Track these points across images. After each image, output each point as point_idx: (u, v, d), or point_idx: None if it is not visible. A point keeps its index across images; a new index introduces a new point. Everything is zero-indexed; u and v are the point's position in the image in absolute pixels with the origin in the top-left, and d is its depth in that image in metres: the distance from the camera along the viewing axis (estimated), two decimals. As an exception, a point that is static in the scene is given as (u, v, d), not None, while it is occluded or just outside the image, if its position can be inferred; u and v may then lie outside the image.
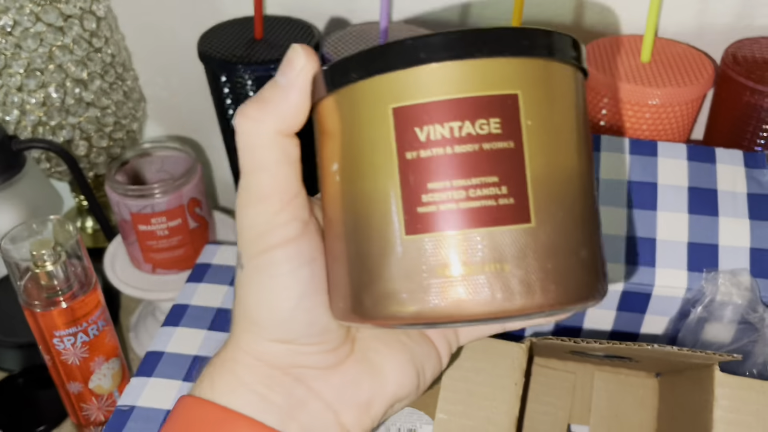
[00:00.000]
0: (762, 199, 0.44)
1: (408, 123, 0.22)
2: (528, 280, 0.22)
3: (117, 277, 0.53)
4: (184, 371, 0.39)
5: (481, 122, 0.22)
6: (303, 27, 0.56)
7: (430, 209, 0.22)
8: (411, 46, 0.22)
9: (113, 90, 0.57)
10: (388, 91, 0.22)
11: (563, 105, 0.23)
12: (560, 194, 0.22)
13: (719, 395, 0.34)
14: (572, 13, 0.54)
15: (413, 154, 0.22)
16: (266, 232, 0.24)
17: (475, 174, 0.21)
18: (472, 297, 0.21)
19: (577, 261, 0.23)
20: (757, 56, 0.49)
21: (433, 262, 0.22)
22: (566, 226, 0.22)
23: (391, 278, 0.22)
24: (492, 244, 0.22)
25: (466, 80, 0.22)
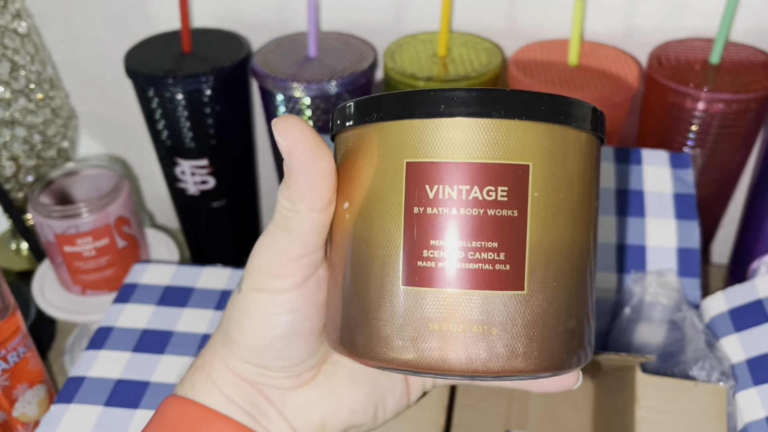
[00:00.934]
0: (687, 198, 0.45)
1: (420, 178, 0.23)
2: (513, 345, 0.22)
3: (45, 300, 0.52)
4: (106, 396, 0.38)
5: (489, 189, 0.22)
6: (232, 39, 0.55)
7: (429, 264, 0.23)
8: (433, 96, 0.22)
9: (40, 108, 0.55)
10: (404, 141, 0.23)
11: (574, 176, 0.23)
12: (556, 265, 0.23)
13: (641, 396, 0.34)
14: (503, 17, 0.54)
15: (420, 209, 0.23)
16: (267, 275, 0.26)
17: (477, 238, 0.22)
18: (457, 354, 0.22)
19: (564, 331, 0.23)
20: (681, 58, 0.50)
21: (424, 315, 0.23)
22: (558, 297, 0.23)
23: (383, 323, 0.23)
24: (483, 306, 0.22)
25: (480, 145, 0.22)
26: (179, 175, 0.56)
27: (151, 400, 0.38)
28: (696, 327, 0.38)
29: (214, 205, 0.58)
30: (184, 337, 0.41)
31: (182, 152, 0.54)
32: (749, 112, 0.48)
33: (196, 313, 0.43)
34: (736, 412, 0.35)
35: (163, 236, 0.58)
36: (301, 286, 0.26)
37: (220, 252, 0.62)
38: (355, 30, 0.56)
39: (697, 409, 0.33)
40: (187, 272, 0.46)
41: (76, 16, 0.58)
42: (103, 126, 0.65)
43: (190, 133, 0.53)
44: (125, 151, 0.67)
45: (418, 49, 0.53)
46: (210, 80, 0.51)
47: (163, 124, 0.53)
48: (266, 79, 0.50)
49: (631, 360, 0.33)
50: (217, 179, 0.56)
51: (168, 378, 0.39)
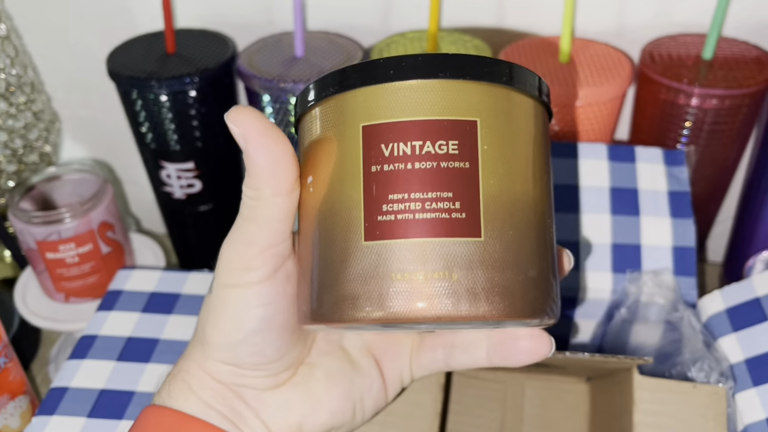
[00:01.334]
0: (682, 196, 0.44)
1: (375, 139, 0.24)
2: (474, 289, 0.23)
3: (28, 309, 0.50)
4: (90, 407, 0.37)
5: (441, 143, 0.24)
6: (217, 39, 0.54)
7: (389, 218, 0.24)
8: (382, 64, 0.24)
9: (21, 112, 0.54)
10: (359, 108, 0.24)
11: (520, 135, 0.25)
12: (511, 215, 0.24)
13: (639, 398, 0.33)
14: (492, 14, 0.53)
15: (377, 167, 0.24)
16: (237, 270, 0.26)
17: (432, 189, 0.23)
18: (422, 301, 0.23)
19: (525, 279, 0.24)
20: (673, 54, 0.49)
21: (388, 267, 0.24)
22: (515, 245, 0.24)
23: (349, 282, 0.24)
24: (443, 253, 0.23)
25: (430, 103, 0.24)
26: (165, 179, 0.55)
27: (136, 410, 0.37)
28: (693, 327, 0.37)
29: (201, 209, 0.57)
30: (171, 345, 0.40)
31: (168, 155, 0.53)
32: (743, 107, 0.47)
33: (183, 320, 0.42)
34: (735, 414, 0.35)
35: (149, 241, 0.57)
36: (271, 278, 0.27)
37: (208, 256, 0.61)
38: (342, 29, 0.55)
39: (696, 411, 0.33)
40: (172, 278, 0.45)
41: (57, 17, 0.57)
42: (86, 129, 0.64)
43: (176, 136, 0.52)
44: (110, 154, 0.66)
45: (406, 48, 0.52)
46: (195, 81, 0.49)
47: (147, 126, 0.52)
48: (252, 79, 0.49)
49: (628, 362, 0.33)
50: (203, 182, 0.55)
51: (153, 387, 0.38)
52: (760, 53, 0.49)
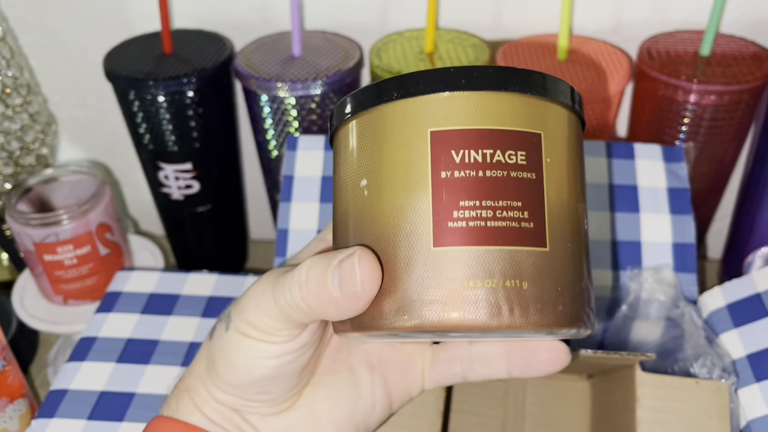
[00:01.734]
0: (681, 193, 0.44)
1: (444, 145, 0.24)
2: (542, 298, 0.24)
3: (26, 311, 0.50)
4: (89, 409, 0.37)
5: (510, 153, 0.24)
6: (214, 39, 0.54)
7: (460, 225, 0.24)
8: (453, 73, 0.24)
9: (17, 114, 0.54)
10: (427, 114, 0.24)
11: (573, 150, 0.26)
12: (569, 227, 0.25)
13: (641, 395, 0.33)
14: (490, 13, 0.53)
15: (447, 173, 0.24)
16: (257, 329, 0.26)
17: (503, 197, 0.24)
18: (492, 309, 0.23)
19: (579, 289, 0.25)
20: (671, 50, 0.49)
21: (458, 274, 0.23)
22: (573, 256, 0.25)
23: (415, 287, 0.24)
24: (514, 261, 0.24)
25: (499, 113, 0.24)
26: (163, 180, 0.54)
27: (136, 412, 0.36)
28: (695, 323, 0.37)
29: (199, 210, 0.56)
30: (170, 346, 0.40)
31: (165, 156, 0.53)
32: (741, 103, 0.47)
33: (182, 320, 0.42)
34: (738, 409, 0.35)
35: (147, 242, 0.57)
36: (291, 341, 0.27)
37: (206, 257, 0.60)
38: (339, 28, 0.55)
39: (699, 408, 0.32)
40: (171, 279, 0.45)
41: (53, 19, 0.57)
42: (83, 131, 0.64)
43: (173, 137, 0.52)
44: (107, 156, 0.66)
45: (404, 47, 0.52)
46: (192, 82, 0.49)
47: (145, 127, 0.52)
48: (250, 79, 0.49)
49: (630, 359, 0.33)
50: (201, 183, 0.55)
51: (153, 389, 0.38)
52: (757, 49, 0.49)
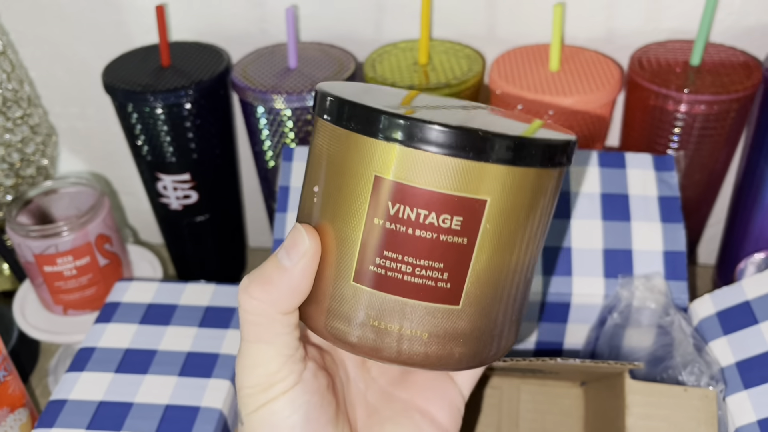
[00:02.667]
0: (672, 201, 0.45)
1: (384, 194, 0.24)
2: (438, 349, 0.25)
3: (26, 322, 0.51)
4: (88, 419, 0.37)
5: (445, 217, 0.24)
6: (211, 52, 0.54)
7: (379, 271, 0.24)
8: (408, 126, 0.23)
9: (17, 126, 0.55)
10: (375, 157, 0.24)
11: (530, 209, 0.25)
12: (493, 285, 0.25)
13: (631, 402, 0.33)
14: (483, 24, 0.54)
15: (380, 221, 0.24)
16: (264, 390, 0.26)
17: (426, 257, 0.24)
18: (390, 348, 0.25)
19: (489, 337, 0.26)
20: (662, 60, 0.50)
21: (367, 312, 0.25)
22: (488, 311, 0.26)
23: (333, 306, 0.25)
24: (420, 314, 0.25)
25: (445, 178, 0.23)
26: (161, 191, 0.55)
27: (134, 422, 0.37)
28: (684, 331, 0.37)
29: (198, 220, 0.57)
30: (168, 356, 0.41)
31: (164, 167, 0.54)
32: (731, 112, 0.48)
33: (180, 330, 0.42)
34: (727, 417, 0.35)
35: (146, 253, 0.57)
36: (299, 382, 0.27)
37: (205, 266, 0.61)
38: (334, 40, 0.56)
39: (687, 415, 0.33)
40: (169, 289, 0.45)
41: (53, 32, 0.58)
42: (83, 143, 0.65)
43: (171, 148, 0.52)
44: (107, 167, 0.67)
45: (398, 58, 0.52)
46: (189, 94, 0.50)
47: (143, 139, 0.52)
48: (246, 91, 0.50)
49: (619, 367, 0.33)
50: (199, 193, 0.55)
51: (151, 399, 0.38)
52: (747, 58, 0.50)
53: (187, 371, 0.40)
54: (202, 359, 0.40)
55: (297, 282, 0.25)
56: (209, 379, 0.39)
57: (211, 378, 0.39)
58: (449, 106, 0.28)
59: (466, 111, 0.28)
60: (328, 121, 0.25)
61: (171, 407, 0.38)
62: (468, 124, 0.23)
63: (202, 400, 0.38)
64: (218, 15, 0.56)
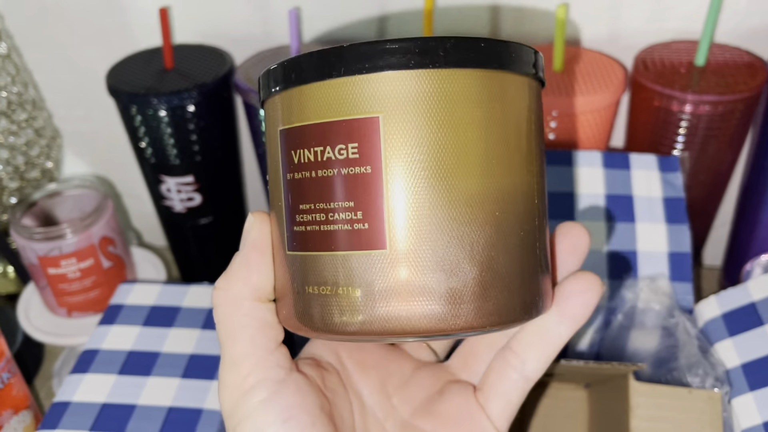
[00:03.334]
0: (677, 202, 0.44)
1: (288, 145, 0.23)
2: (375, 307, 0.22)
3: (31, 324, 0.51)
4: (92, 421, 0.37)
5: (340, 147, 0.22)
6: (215, 54, 0.55)
7: (301, 229, 0.23)
8: (285, 67, 0.23)
9: (22, 129, 0.55)
10: (277, 112, 0.23)
11: (457, 119, 0.21)
12: (432, 219, 0.21)
13: (635, 404, 0.33)
14: (486, 24, 0.54)
15: (291, 175, 0.23)
16: (238, 400, 0.25)
17: (334, 199, 0.22)
18: (328, 315, 0.22)
19: (447, 291, 0.21)
20: (666, 61, 0.50)
21: (303, 279, 0.23)
22: (435, 253, 0.21)
23: (279, 285, 0.25)
24: (344, 267, 0.22)
25: (329, 103, 0.22)
26: (165, 193, 0.55)
27: (137, 424, 0.37)
28: (689, 332, 0.37)
29: (202, 222, 0.57)
30: (171, 358, 0.41)
31: (167, 169, 0.54)
32: (736, 113, 0.47)
33: (183, 332, 0.42)
34: (732, 419, 0.35)
35: (150, 255, 0.57)
36: (279, 392, 0.25)
37: (209, 268, 0.61)
38: (338, 42, 0.56)
39: (691, 416, 0.33)
40: (173, 291, 0.45)
41: (57, 35, 0.58)
42: (87, 145, 0.65)
43: (175, 150, 0.52)
44: (110, 169, 0.67)
45: (402, 59, 0.52)
46: (193, 96, 0.50)
47: (147, 141, 0.52)
48: (249, 93, 0.50)
49: (623, 369, 0.33)
50: (203, 196, 0.55)
51: (154, 401, 0.38)
52: (752, 59, 0.49)
53: (190, 373, 0.40)
54: (205, 361, 0.40)
55: (248, 258, 0.25)
56: (212, 381, 0.39)
57: (214, 380, 0.39)
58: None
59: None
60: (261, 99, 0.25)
61: (174, 409, 0.38)
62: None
63: (205, 403, 0.38)
64: (221, 17, 0.56)
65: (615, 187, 0.45)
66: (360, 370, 0.29)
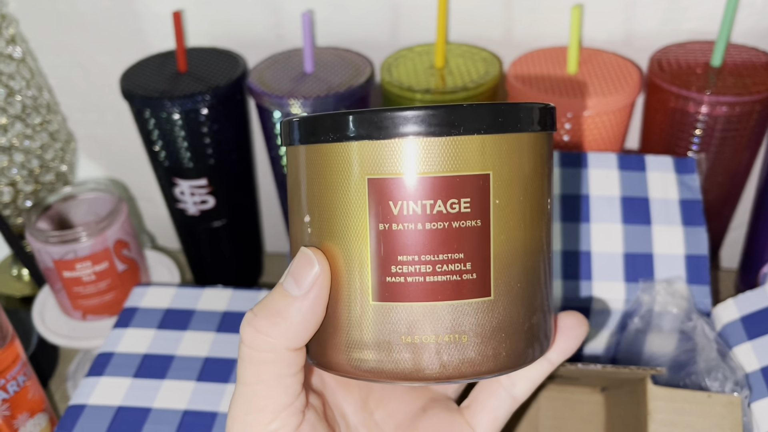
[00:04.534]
0: (694, 204, 0.44)
1: (383, 195, 0.22)
2: (483, 349, 0.23)
3: (46, 327, 0.51)
4: (107, 424, 0.37)
5: (452, 202, 0.22)
6: (228, 57, 0.55)
7: (398, 280, 0.23)
8: (389, 117, 0.22)
9: (37, 133, 0.55)
10: (364, 159, 0.22)
11: (532, 177, 0.24)
12: (519, 268, 0.24)
13: (653, 409, 0.33)
14: (500, 26, 0.53)
15: (385, 225, 0.23)
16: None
17: (443, 251, 0.23)
18: (430, 363, 0.23)
19: (529, 327, 0.24)
20: (682, 61, 0.49)
21: (396, 329, 0.23)
22: (522, 297, 0.24)
23: (354, 337, 0.24)
24: (453, 316, 0.23)
25: (441, 159, 0.22)
26: (179, 196, 0.55)
27: (152, 427, 0.37)
28: (707, 336, 0.37)
29: (215, 225, 0.57)
30: (185, 361, 0.41)
31: (181, 172, 0.54)
32: (753, 114, 0.47)
33: (197, 335, 0.42)
34: (751, 423, 0.34)
35: (164, 258, 0.57)
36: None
37: (222, 271, 0.61)
38: (350, 44, 0.56)
39: (711, 422, 0.32)
40: (187, 294, 0.45)
41: (71, 39, 0.58)
42: (101, 149, 0.65)
43: (188, 153, 0.53)
44: (124, 173, 0.67)
45: (414, 62, 0.52)
46: (206, 99, 0.50)
47: (160, 144, 0.53)
48: (262, 96, 0.50)
49: (641, 373, 0.33)
50: (216, 198, 0.55)
51: (169, 404, 0.38)
52: (769, 59, 0.49)
53: (204, 376, 0.40)
54: (220, 364, 0.40)
55: (308, 312, 0.23)
56: (227, 384, 0.39)
57: (229, 383, 0.39)
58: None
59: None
60: (304, 143, 0.24)
61: (189, 413, 0.38)
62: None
63: (220, 406, 0.38)
64: (234, 21, 0.56)
65: (631, 189, 0.45)
66: (343, 388, 0.29)
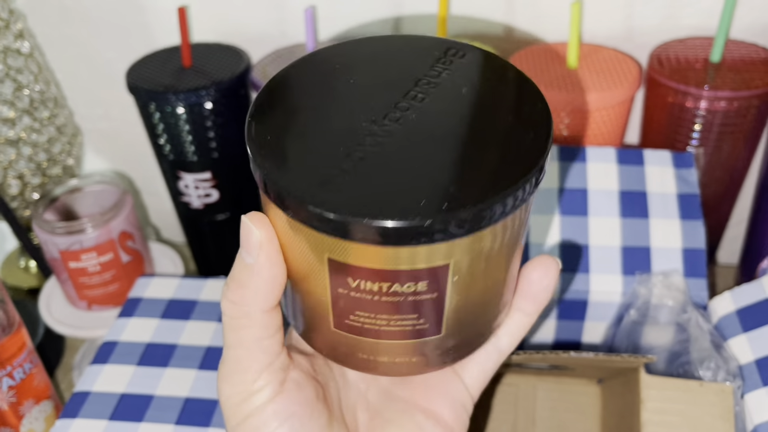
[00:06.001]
0: (691, 198, 0.44)
1: (341, 272, 0.23)
2: (433, 362, 0.27)
3: (52, 317, 0.52)
4: (111, 410, 0.38)
5: (409, 284, 0.23)
6: (232, 52, 0.55)
7: (356, 324, 0.25)
8: (343, 223, 0.21)
9: (44, 126, 0.56)
10: (326, 244, 0.23)
11: (494, 254, 0.24)
12: (471, 312, 0.26)
13: (646, 397, 0.33)
14: (501, 22, 0.54)
15: (344, 290, 0.24)
16: (245, 399, 0.26)
17: (399, 314, 0.24)
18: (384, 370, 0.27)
19: (476, 338, 0.27)
20: (681, 57, 0.50)
21: (354, 348, 0.26)
22: (476, 321, 0.26)
23: (322, 340, 0.27)
24: (405, 349, 0.26)
25: (400, 258, 0.22)
26: (183, 189, 0.56)
27: (155, 413, 0.38)
28: (701, 327, 0.37)
29: (219, 218, 0.58)
30: (188, 351, 0.41)
31: (185, 166, 0.54)
32: (752, 109, 0.47)
33: (200, 325, 0.43)
34: (744, 413, 0.35)
35: (168, 250, 0.58)
36: (281, 392, 0.26)
37: (226, 264, 0.62)
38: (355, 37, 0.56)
39: (703, 410, 0.33)
40: (190, 285, 0.46)
41: (78, 34, 0.59)
42: (107, 142, 0.66)
43: (192, 147, 0.53)
44: (130, 166, 0.68)
45: (416, 57, 0.52)
46: (210, 94, 0.51)
47: (165, 138, 0.53)
48: (266, 90, 0.50)
49: (633, 361, 0.33)
50: (220, 192, 0.56)
51: (171, 392, 0.39)
52: (767, 55, 0.49)
53: (206, 365, 0.40)
54: (221, 353, 0.41)
55: (265, 274, 0.24)
56: (228, 372, 0.40)
57: (230, 371, 0.40)
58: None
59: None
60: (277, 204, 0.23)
61: (191, 400, 0.38)
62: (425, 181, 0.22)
63: (221, 393, 0.39)
64: (238, 17, 0.56)
65: (629, 183, 0.45)
66: None
